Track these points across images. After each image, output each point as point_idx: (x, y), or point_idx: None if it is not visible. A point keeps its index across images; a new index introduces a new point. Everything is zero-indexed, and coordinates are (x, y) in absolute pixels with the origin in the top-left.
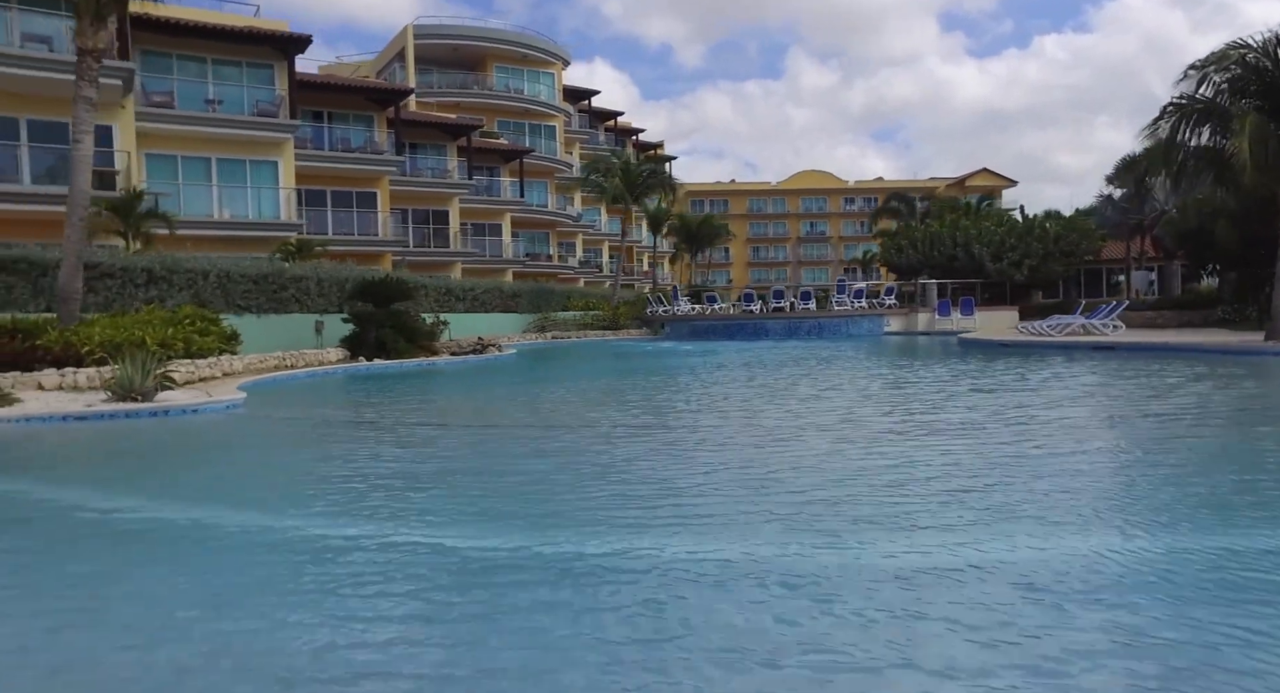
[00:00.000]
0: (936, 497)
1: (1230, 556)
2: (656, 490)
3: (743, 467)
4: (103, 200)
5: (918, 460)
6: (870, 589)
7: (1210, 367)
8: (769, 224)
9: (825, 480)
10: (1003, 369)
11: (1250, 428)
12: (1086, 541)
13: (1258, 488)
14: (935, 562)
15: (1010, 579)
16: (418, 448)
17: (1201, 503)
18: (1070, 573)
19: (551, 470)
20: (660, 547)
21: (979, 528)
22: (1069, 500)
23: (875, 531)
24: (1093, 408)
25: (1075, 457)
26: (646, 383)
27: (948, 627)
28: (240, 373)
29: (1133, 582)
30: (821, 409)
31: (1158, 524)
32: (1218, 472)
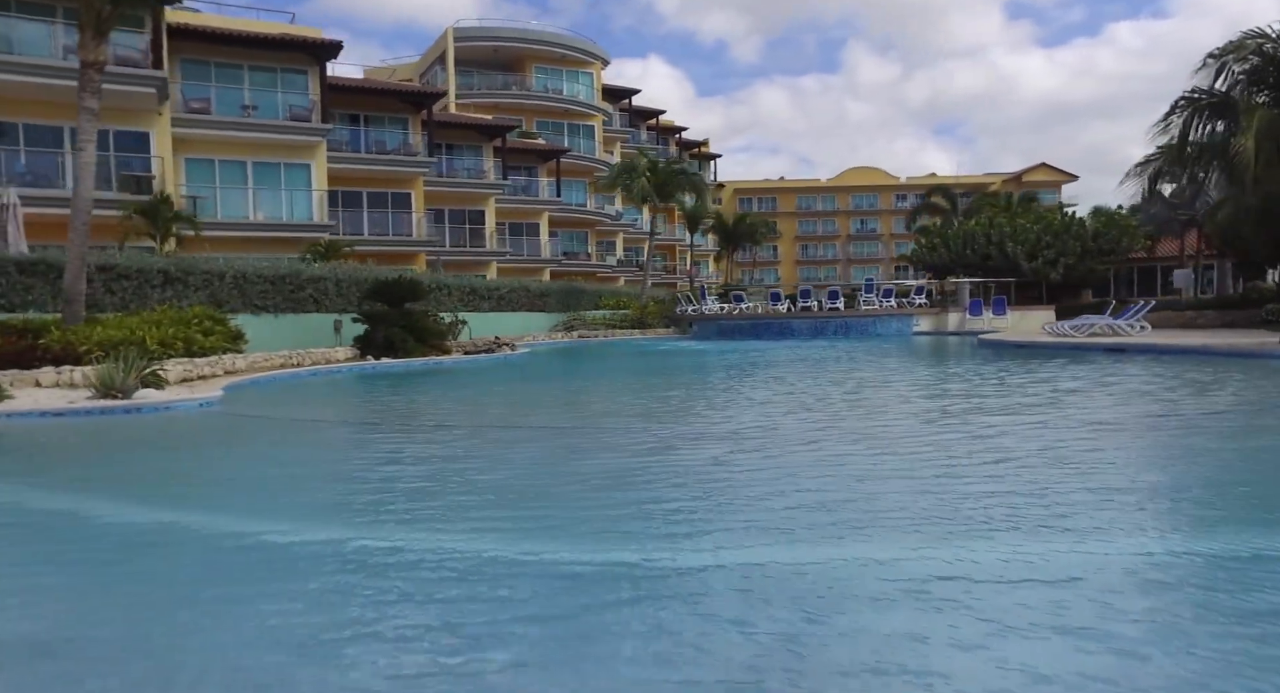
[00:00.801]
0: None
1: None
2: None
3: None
4: (131, 204)
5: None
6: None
7: (1210, 370)
8: (818, 222)
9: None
10: (992, 371)
11: (1179, 437)
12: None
13: (1124, 498)
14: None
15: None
16: (363, 449)
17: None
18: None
19: (465, 470)
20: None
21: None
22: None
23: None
24: (1039, 413)
25: (949, 466)
26: (635, 383)
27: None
28: (243, 371)
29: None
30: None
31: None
32: (1081, 480)
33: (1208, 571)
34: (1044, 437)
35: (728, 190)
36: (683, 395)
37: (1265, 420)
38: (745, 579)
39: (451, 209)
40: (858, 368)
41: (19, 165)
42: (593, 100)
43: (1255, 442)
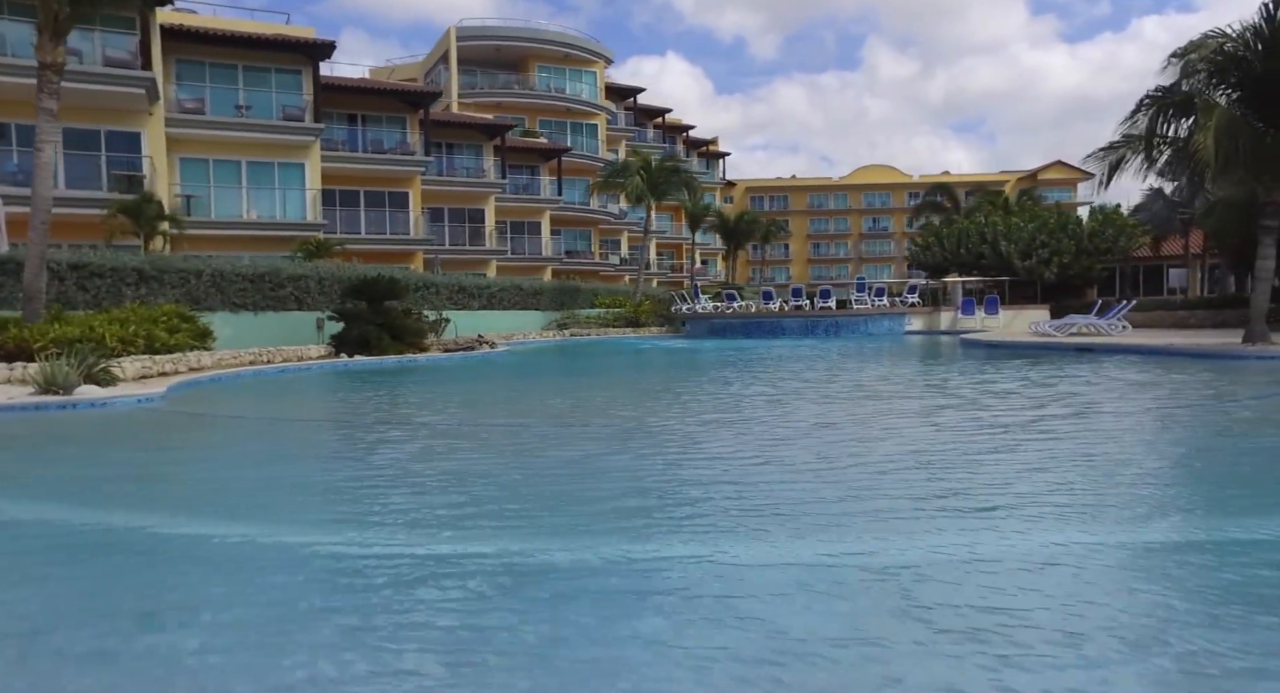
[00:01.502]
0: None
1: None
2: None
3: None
4: (114, 203)
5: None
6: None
7: (1159, 370)
8: (830, 220)
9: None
10: (945, 372)
11: (1054, 440)
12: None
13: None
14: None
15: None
16: (284, 445)
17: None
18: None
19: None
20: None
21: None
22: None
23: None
24: (948, 414)
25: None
26: (588, 382)
27: None
28: (209, 368)
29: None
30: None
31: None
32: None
33: (980, 574)
34: (927, 439)
35: (739, 188)
36: (613, 395)
37: (1157, 422)
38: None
39: (451, 208)
40: (812, 368)
41: (10, 165)
42: (596, 99)
43: (1133, 441)
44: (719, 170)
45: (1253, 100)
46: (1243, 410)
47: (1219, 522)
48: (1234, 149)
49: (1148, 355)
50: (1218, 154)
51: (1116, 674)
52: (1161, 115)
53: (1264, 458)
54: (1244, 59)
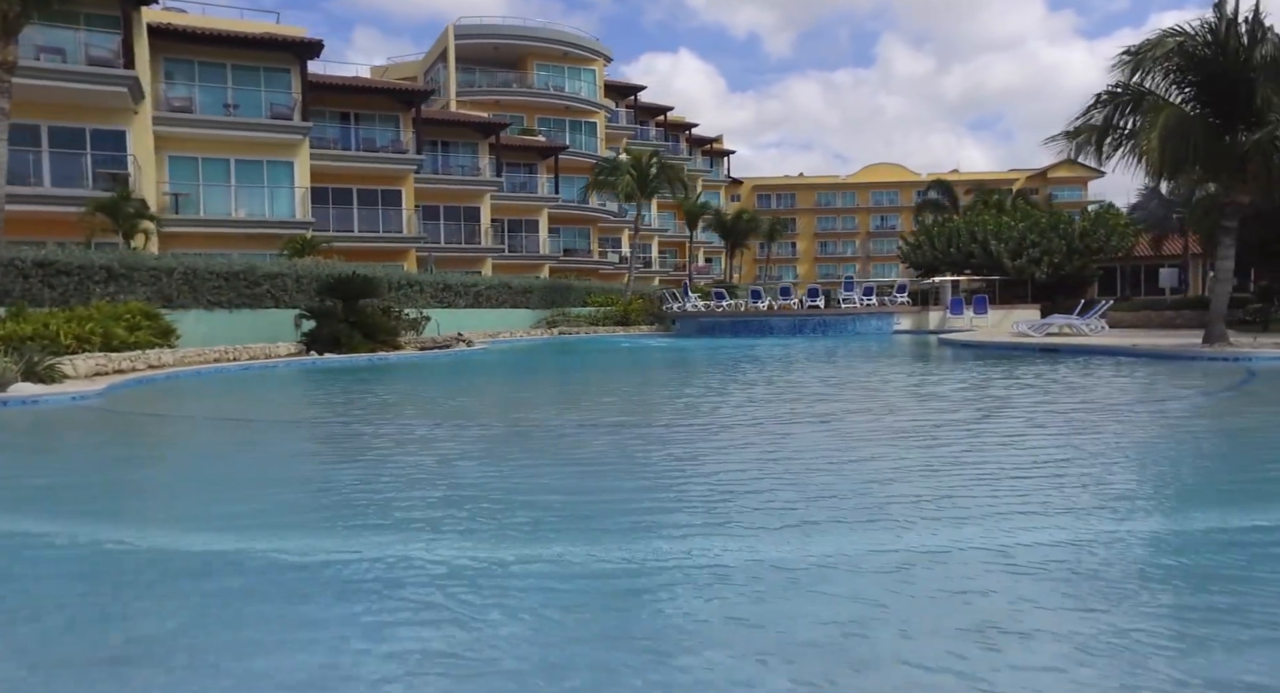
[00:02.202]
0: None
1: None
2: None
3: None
4: (91, 201)
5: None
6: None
7: (1115, 371)
8: (837, 218)
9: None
10: (902, 372)
11: (949, 442)
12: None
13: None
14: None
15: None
16: (207, 445)
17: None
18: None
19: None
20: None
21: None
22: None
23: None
24: (866, 416)
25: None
26: (548, 381)
27: None
28: (169, 365)
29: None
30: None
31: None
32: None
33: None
34: (799, 445)
35: (746, 187)
36: (543, 395)
37: (1067, 425)
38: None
39: (447, 206)
40: (766, 366)
41: None
42: (595, 97)
43: (1031, 445)
44: (723, 168)
45: (1209, 99)
46: (1151, 411)
47: (1047, 522)
48: (1185, 149)
49: (1107, 356)
50: (1164, 154)
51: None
52: (1118, 112)
53: (1139, 458)
54: (1204, 57)
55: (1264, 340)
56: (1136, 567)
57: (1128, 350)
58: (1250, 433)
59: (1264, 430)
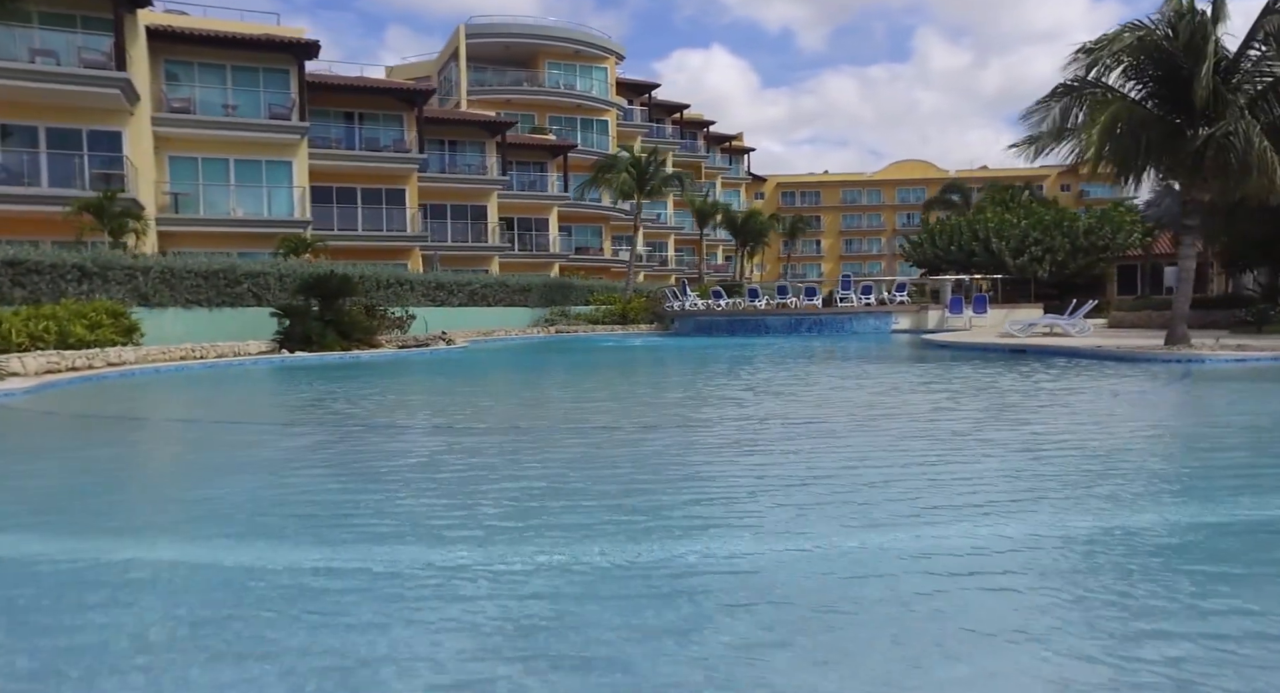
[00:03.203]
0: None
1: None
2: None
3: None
4: (76, 201)
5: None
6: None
7: (1065, 372)
8: (863, 216)
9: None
10: (858, 373)
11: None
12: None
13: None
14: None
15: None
16: (117, 446)
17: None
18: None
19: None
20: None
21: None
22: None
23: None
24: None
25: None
26: (511, 381)
27: None
28: (130, 363)
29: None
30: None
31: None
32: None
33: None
34: (681, 447)
35: (770, 184)
36: (492, 396)
37: (963, 422)
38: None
39: (454, 205)
40: (734, 366)
41: None
42: (606, 95)
43: (902, 445)
44: (743, 166)
45: (1168, 95)
46: (1045, 408)
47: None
48: (1136, 145)
49: (1068, 357)
50: (1101, 148)
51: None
52: (1077, 105)
53: (969, 456)
54: (1162, 52)
55: (1228, 342)
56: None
57: (1090, 352)
58: (1121, 434)
59: (1132, 435)
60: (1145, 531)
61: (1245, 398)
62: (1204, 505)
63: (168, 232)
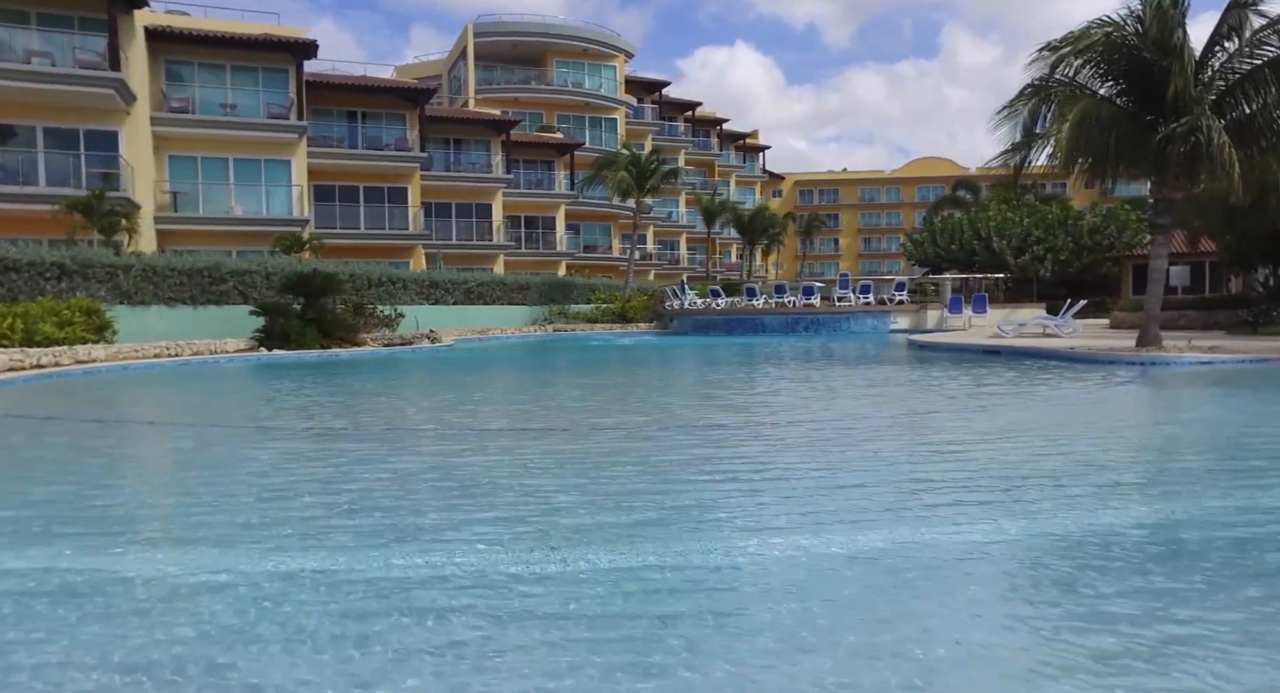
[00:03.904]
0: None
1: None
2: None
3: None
4: (64, 199)
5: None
6: None
7: (1023, 374)
8: (881, 214)
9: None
10: (817, 374)
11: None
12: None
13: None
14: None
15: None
16: (27, 449)
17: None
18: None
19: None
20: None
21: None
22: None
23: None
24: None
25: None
26: (474, 382)
27: None
28: (99, 361)
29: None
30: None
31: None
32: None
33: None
34: (590, 451)
35: (788, 182)
36: (435, 398)
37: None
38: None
39: (459, 203)
40: (696, 367)
41: None
42: (615, 93)
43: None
44: (758, 163)
45: (1139, 93)
46: (985, 417)
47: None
48: (1105, 141)
49: (1037, 359)
50: (1073, 144)
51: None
52: (1045, 106)
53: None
54: (1131, 48)
55: (1201, 344)
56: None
57: (1061, 353)
58: (1021, 440)
59: (1031, 441)
60: (993, 543)
61: (1187, 403)
62: (1075, 514)
63: (167, 230)
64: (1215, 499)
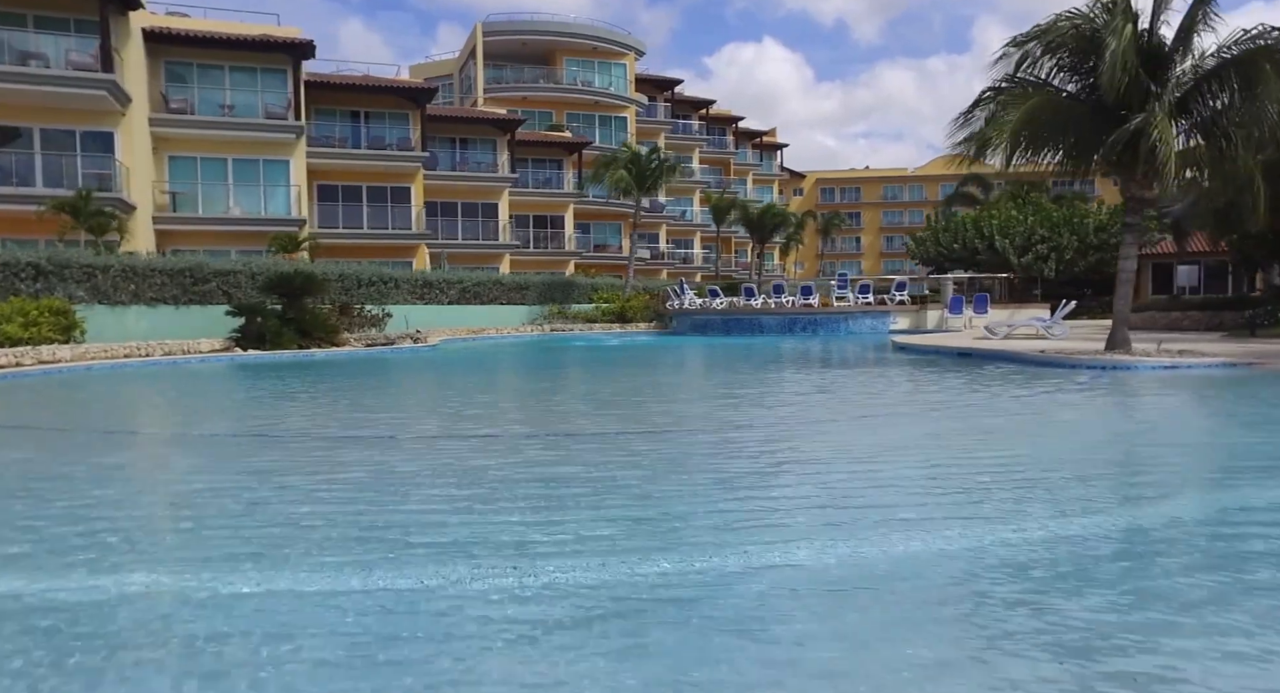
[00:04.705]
0: None
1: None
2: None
3: None
4: (50, 200)
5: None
6: None
7: (976, 378)
8: (904, 212)
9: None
10: (769, 375)
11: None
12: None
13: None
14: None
15: None
16: None
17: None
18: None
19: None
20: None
21: None
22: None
23: None
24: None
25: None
26: (438, 384)
27: None
28: (64, 361)
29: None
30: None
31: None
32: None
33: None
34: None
35: (809, 180)
36: (376, 400)
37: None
38: None
39: (465, 202)
40: (671, 368)
41: None
42: (625, 92)
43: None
44: (776, 162)
45: (1101, 88)
46: (910, 423)
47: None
48: (1061, 138)
49: (1007, 362)
50: (1015, 141)
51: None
52: (1004, 111)
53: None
54: (1100, 42)
55: (1171, 347)
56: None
57: (1031, 357)
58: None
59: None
60: (869, 559)
61: (1124, 410)
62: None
63: (166, 230)
64: (1090, 516)
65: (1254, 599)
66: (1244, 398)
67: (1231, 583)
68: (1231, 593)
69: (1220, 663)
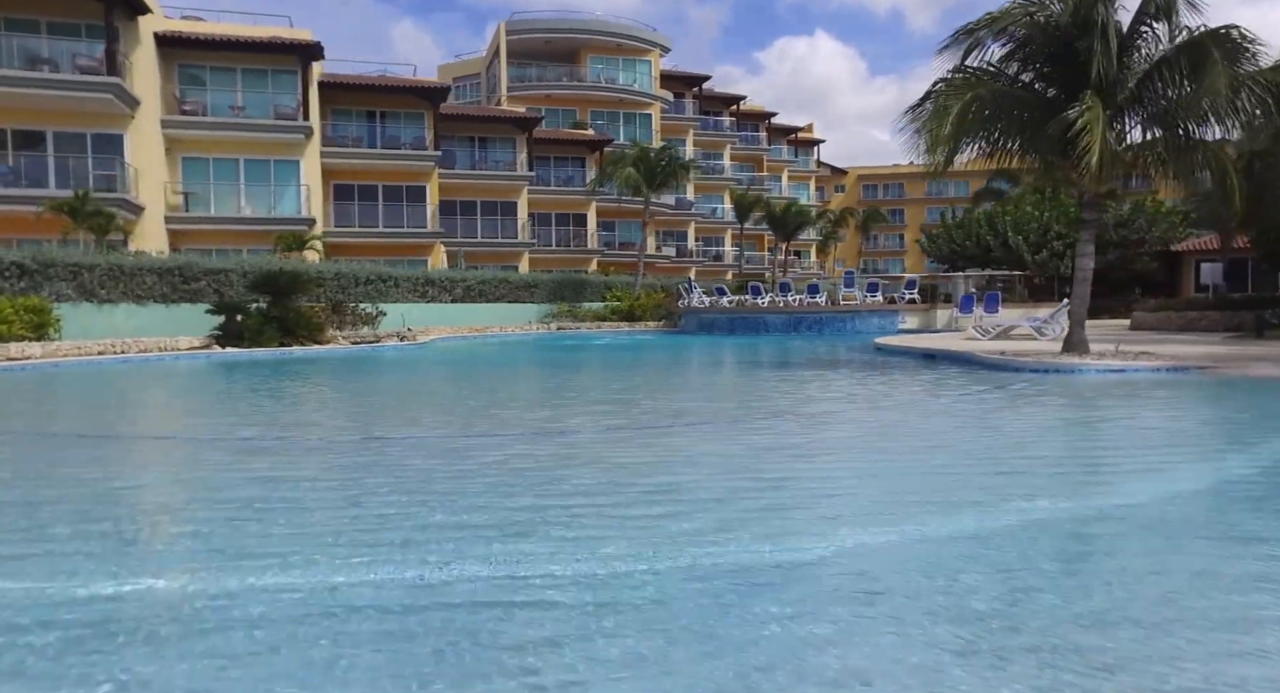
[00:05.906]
0: None
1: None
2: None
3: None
4: (47, 201)
5: None
6: None
7: (935, 381)
8: (950, 209)
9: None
10: (725, 378)
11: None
12: None
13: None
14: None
15: None
16: None
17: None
18: None
19: None
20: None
21: None
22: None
23: None
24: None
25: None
26: (410, 386)
27: None
28: (35, 358)
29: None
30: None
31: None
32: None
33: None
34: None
35: (850, 177)
36: (335, 401)
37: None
38: None
39: (484, 201)
40: (648, 368)
41: (3, 167)
42: (650, 89)
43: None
44: (812, 158)
45: (1057, 78)
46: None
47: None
48: (1009, 131)
49: (961, 364)
50: (939, 136)
51: None
52: (946, 100)
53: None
54: (1056, 28)
55: (1129, 350)
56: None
57: (985, 359)
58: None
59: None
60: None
61: (1027, 416)
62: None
63: (179, 230)
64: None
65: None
66: (1158, 403)
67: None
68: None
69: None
